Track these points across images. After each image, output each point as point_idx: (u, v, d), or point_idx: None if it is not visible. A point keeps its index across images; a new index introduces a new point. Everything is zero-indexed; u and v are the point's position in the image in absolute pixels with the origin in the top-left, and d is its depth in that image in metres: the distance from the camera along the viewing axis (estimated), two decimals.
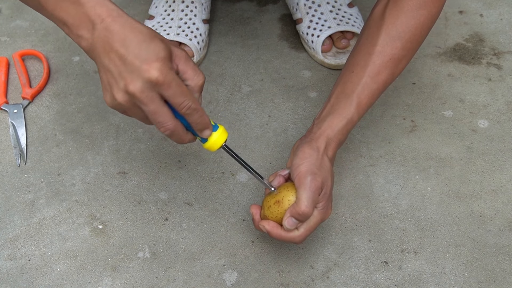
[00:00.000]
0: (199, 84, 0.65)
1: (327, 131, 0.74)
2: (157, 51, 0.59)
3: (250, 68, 1.03)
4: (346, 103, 0.75)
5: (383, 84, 0.76)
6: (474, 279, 0.77)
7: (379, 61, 0.75)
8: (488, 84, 0.99)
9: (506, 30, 1.08)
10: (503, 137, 0.92)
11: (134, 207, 0.85)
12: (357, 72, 0.76)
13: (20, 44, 1.06)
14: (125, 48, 0.59)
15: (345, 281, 0.77)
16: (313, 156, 0.72)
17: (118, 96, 0.60)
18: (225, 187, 0.87)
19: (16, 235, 0.82)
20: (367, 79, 0.75)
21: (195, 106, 0.63)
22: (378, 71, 0.75)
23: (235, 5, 1.13)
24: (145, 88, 0.59)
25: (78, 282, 0.78)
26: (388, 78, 0.76)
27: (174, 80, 0.60)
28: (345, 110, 0.75)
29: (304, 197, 0.69)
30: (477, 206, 0.84)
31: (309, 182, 0.69)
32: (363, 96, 0.75)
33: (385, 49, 0.75)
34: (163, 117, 0.62)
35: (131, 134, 0.93)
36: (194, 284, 0.77)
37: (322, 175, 0.71)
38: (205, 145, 0.69)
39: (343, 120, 0.75)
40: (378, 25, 0.76)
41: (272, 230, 0.72)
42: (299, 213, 0.69)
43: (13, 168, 0.89)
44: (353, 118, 0.75)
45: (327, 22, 1.02)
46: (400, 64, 0.77)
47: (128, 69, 0.59)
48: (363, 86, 0.75)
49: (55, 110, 0.97)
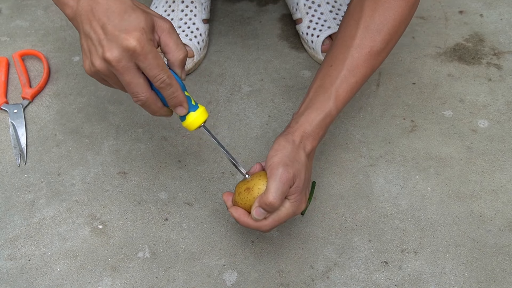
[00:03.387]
0: (179, 59, 0.65)
1: (304, 125, 0.73)
2: (138, 21, 0.60)
3: (250, 68, 1.03)
4: (324, 97, 0.74)
5: (362, 77, 0.76)
6: (474, 279, 0.77)
7: (357, 54, 0.74)
8: (488, 84, 0.99)
9: (506, 30, 1.08)
10: (503, 137, 0.92)
11: (134, 207, 0.85)
12: (336, 66, 0.75)
13: (20, 44, 1.06)
14: (107, 17, 0.60)
15: (345, 281, 0.77)
16: (287, 148, 0.71)
17: (96, 63, 0.62)
18: (225, 187, 0.87)
19: (16, 235, 0.82)
20: (345, 72, 0.74)
21: (169, 81, 0.63)
22: (356, 64, 0.75)
23: (235, 5, 1.13)
24: (121, 57, 0.60)
25: (78, 282, 0.78)
26: (367, 71, 0.76)
27: (151, 52, 0.61)
28: (323, 104, 0.74)
29: (273, 188, 0.68)
30: (477, 206, 0.84)
31: (279, 173, 0.69)
32: (341, 90, 0.75)
33: (364, 42, 0.74)
34: (137, 87, 0.63)
35: (131, 134, 0.93)
36: (194, 284, 0.78)
37: (294, 167, 0.70)
38: (184, 123, 0.70)
39: (321, 114, 0.74)
40: (356, 18, 0.75)
41: (239, 218, 0.71)
42: (266, 204, 0.68)
43: (13, 168, 0.89)
44: (331, 112, 0.74)
45: (327, 22, 1.02)
46: (379, 56, 0.76)
47: (107, 37, 0.60)
48: (341, 79, 0.74)
49: (55, 110, 0.97)
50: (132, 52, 0.60)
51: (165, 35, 0.64)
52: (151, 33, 0.62)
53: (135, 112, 0.96)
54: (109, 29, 0.60)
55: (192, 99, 0.69)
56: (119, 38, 0.59)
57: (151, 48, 0.61)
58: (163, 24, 0.64)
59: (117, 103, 0.97)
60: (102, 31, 0.60)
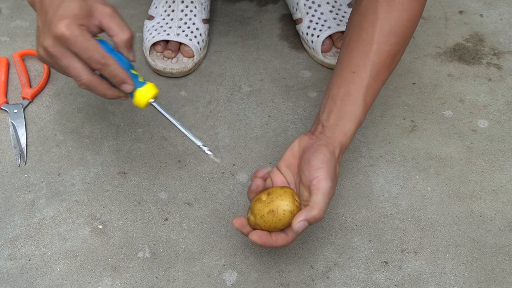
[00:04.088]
0: (124, 40, 0.67)
1: (340, 136, 0.74)
2: (71, 9, 0.63)
3: (250, 68, 1.03)
4: (354, 106, 0.74)
5: (383, 82, 0.76)
6: (474, 279, 0.77)
7: (377, 60, 0.75)
8: (488, 84, 0.99)
9: (506, 30, 1.08)
10: (503, 137, 0.92)
11: (134, 207, 0.85)
12: (359, 73, 0.75)
13: (20, 44, 1.06)
14: (49, 6, 0.64)
15: (345, 281, 0.77)
16: (332, 162, 0.71)
17: (39, 50, 0.66)
18: (225, 187, 0.87)
19: (16, 235, 0.82)
20: (369, 80, 0.75)
21: (104, 61, 0.66)
22: (378, 71, 0.75)
23: (235, 5, 1.13)
24: (54, 44, 0.64)
25: (78, 282, 0.78)
26: (386, 76, 0.76)
27: (81, 36, 0.64)
28: (354, 114, 0.74)
29: (323, 203, 0.69)
30: (477, 206, 0.84)
31: (329, 189, 0.69)
32: (368, 98, 0.75)
33: (382, 46, 0.74)
34: (76, 71, 0.66)
35: (131, 134, 0.93)
36: (194, 284, 0.77)
37: (335, 183, 0.71)
38: (133, 101, 0.72)
39: (354, 124, 0.74)
40: (371, 21, 0.75)
41: (265, 242, 0.71)
42: (315, 218, 0.68)
43: (13, 168, 0.89)
44: (361, 121, 0.75)
45: (327, 22, 1.02)
46: (395, 59, 0.76)
47: (46, 25, 0.64)
48: (367, 88, 0.75)
49: (55, 110, 0.97)
50: (63, 39, 0.63)
51: (106, 19, 0.67)
52: (84, 19, 0.65)
53: (135, 112, 0.96)
54: (47, 18, 0.64)
55: (139, 77, 0.71)
56: (51, 26, 0.63)
57: (81, 32, 0.64)
58: (103, 9, 0.67)
59: (117, 103, 0.97)
60: (45, 19, 0.64)
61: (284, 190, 0.71)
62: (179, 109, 0.96)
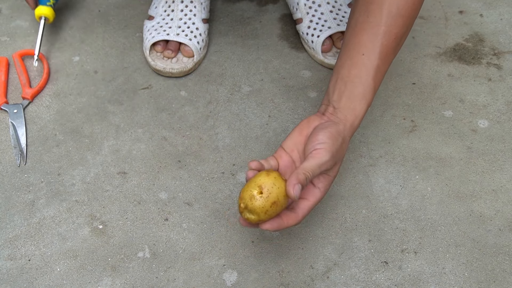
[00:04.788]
0: None
1: (352, 118, 0.74)
2: None
3: (250, 68, 1.03)
4: (365, 88, 0.75)
5: (390, 64, 0.77)
6: (474, 279, 0.77)
7: (386, 42, 0.75)
8: (488, 84, 0.99)
9: (506, 30, 1.08)
10: (503, 137, 0.92)
11: (134, 207, 0.85)
12: (368, 55, 0.75)
13: (20, 44, 1.06)
14: None
15: (345, 281, 0.77)
16: (338, 141, 0.72)
17: None
18: (225, 187, 0.87)
19: (16, 235, 0.82)
20: (379, 62, 0.75)
21: None
22: (386, 53, 0.75)
23: (235, 5, 1.13)
24: None
25: (78, 282, 0.78)
26: (393, 58, 0.77)
27: None
28: (365, 96, 0.75)
29: (313, 168, 0.69)
30: (477, 206, 0.84)
31: (325, 161, 0.69)
32: (377, 80, 0.76)
33: (390, 29, 0.75)
34: None
35: (131, 134, 0.93)
36: (194, 284, 0.77)
37: (335, 160, 0.72)
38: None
39: (365, 106, 0.75)
40: (378, 2, 0.75)
41: (278, 226, 0.70)
42: (300, 180, 0.68)
43: (13, 168, 0.89)
44: (370, 103, 0.76)
45: (327, 22, 1.02)
46: (401, 41, 0.77)
47: None
48: (376, 70, 0.75)
49: (55, 110, 0.97)
50: None
51: None
52: None
53: (135, 112, 0.96)
54: None
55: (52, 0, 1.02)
56: None
57: None
58: None
59: (117, 103, 0.97)
60: None
61: (272, 176, 0.70)
62: (179, 109, 0.96)
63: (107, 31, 1.09)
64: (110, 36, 1.08)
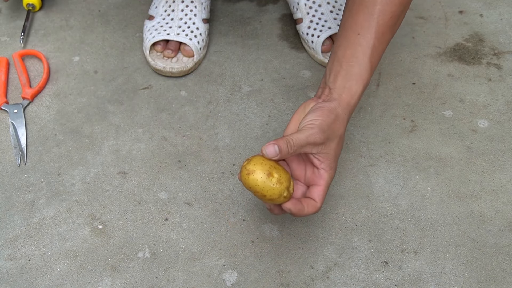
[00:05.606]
0: None
1: (348, 98, 0.74)
2: None
3: (250, 68, 1.03)
4: (360, 68, 0.75)
5: (387, 43, 0.77)
6: (474, 279, 0.77)
7: (382, 21, 0.75)
8: (488, 84, 0.99)
9: (506, 30, 1.08)
10: (503, 137, 0.92)
11: (134, 207, 0.85)
12: (364, 35, 0.75)
13: (20, 44, 1.06)
14: None
15: (345, 281, 0.77)
16: (330, 117, 0.72)
17: None
18: (225, 187, 0.87)
19: (16, 235, 0.82)
20: (375, 41, 0.75)
21: None
22: (383, 32, 0.75)
23: (235, 5, 1.13)
24: None
25: (78, 282, 0.78)
26: (390, 37, 0.77)
27: None
28: (361, 76, 0.75)
29: (299, 139, 0.69)
30: (477, 206, 0.84)
31: (312, 134, 0.70)
32: (374, 59, 0.75)
33: (386, 7, 0.74)
34: None
35: (131, 134, 0.93)
36: (194, 284, 0.78)
37: (327, 135, 0.71)
38: None
39: (361, 85, 0.75)
40: None
41: (298, 210, 0.70)
42: (289, 140, 0.69)
43: (13, 168, 0.89)
44: (367, 83, 0.75)
45: (327, 22, 1.02)
46: (398, 21, 0.77)
47: None
48: (372, 49, 0.75)
49: (55, 110, 0.97)
50: None
51: None
52: None
53: (135, 112, 0.96)
54: None
55: None
56: None
57: None
58: None
59: (117, 103, 0.97)
60: None
61: (269, 165, 0.70)
62: (179, 109, 0.96)
63: (107, 31, 1.09)
64: (110, 36, 1.08)
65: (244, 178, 0.69)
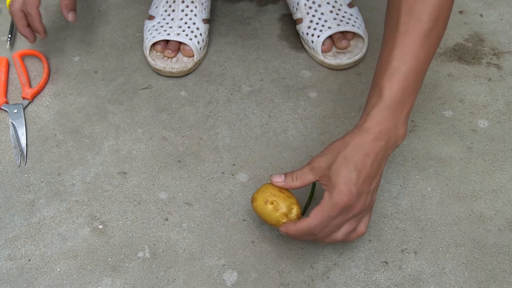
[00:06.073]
0: (62, 4, 0.94)
1: (397, 130, 0.72)
2: None
3: (250, 68, 1.03)
4: (408, 96, 0.72)
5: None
6: (474, 279, 0.77)
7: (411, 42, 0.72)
8: (488, 84, 0.99)
9: (506, 30, 1.08)
10: (503, 137, 0.92)
11: (134, 207, 0.85)
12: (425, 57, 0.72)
13: (20, 44, 1.06)
14: None
15: (345, 281, 0.77)
16: (340, 148, 0.71)
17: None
18: (225, 187, 0.87)
19: (16, 235, 0.82)
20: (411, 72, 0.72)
21: None
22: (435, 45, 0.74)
23: (235, 5, 1.13)
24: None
25: (78, 282, 0.78)
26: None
27: None
28: (406, 106, 0.72)
29: (301, 171, 0.74)
30: (477, 206, 0.84)
31: (304, 172, 0.74)
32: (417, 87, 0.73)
33: (410, 26, 0.71)
34: None
35: (131, 134, 0.93)
36: (194, 284, 0.78)
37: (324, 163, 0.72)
38: None
39: (407, 115, 0.73)
40: (397, 3, 0.72)
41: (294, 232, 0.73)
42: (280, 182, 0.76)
43: (13, 168, 0.89)
44: None
45: (327, 22, 1.02)
46: (431, 35, 0.73)
47: None
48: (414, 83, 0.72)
49: (55, 110, 0.97)
50: None
51: None
52: None
53: (135, 112, 0.96)
54: None
55: None
56: None
57: None
58: None
59: (117, 103, 0.97)
60: None
61: (269, 193, 0.76)
62: (179, 109, 0.96)
63: (107, 31, 1.09)
64: (110, 36, 1.08)
65: (251, 205, 0.79)
